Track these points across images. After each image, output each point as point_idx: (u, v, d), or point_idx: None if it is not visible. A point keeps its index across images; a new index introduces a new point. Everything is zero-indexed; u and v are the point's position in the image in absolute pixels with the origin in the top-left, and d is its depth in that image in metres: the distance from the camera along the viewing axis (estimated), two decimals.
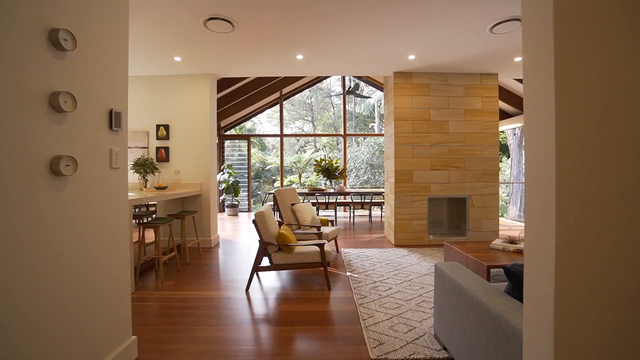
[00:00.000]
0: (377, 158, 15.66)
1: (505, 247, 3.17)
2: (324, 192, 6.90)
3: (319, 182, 16.15)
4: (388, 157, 5.29)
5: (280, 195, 4.29)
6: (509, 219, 8.98)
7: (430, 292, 2.93)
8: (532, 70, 0.99)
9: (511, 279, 1.58)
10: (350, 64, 4.49)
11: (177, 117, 4.77)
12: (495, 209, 4.98)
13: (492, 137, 4.94)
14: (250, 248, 4.75)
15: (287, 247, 2.94)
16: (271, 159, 17.46)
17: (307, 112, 22.42)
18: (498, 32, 3.44)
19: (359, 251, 4.48)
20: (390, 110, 5.04)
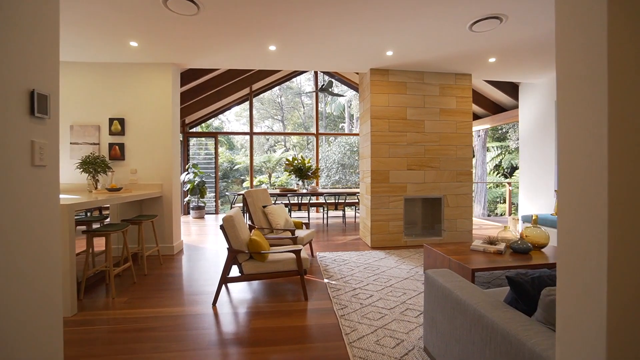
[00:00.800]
0: (349, 158, 15.66)
1: (485, 248, 3.12)
2: (297, 193, 6.63)
3: (289, 182, 15.83)
4: (363, 156, 5.14)
5: (250, 196, 3.97)
6: (476, 218, 9.28)
7: (413, 299, 2.79)
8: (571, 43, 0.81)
9: (515, 290, 1.43)
10: (327, 58, 4.27)
11: (134, 110, 4.27)
12: (469, 208, 5.01)
13: (466, 137, 4.96)
14: (218, 254, 4.37)
15: (260, 255, 2.65)
16: (240, 158, 16.86)
17: (277, 111, 22.00)
18: (477, 30, 3.38)
19: (335, 255, 4.27)
20: (367, 108, 4.90)
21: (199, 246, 4.82)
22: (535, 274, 1.45)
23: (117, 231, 2.80)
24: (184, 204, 8.31)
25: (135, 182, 4.24)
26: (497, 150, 14.48)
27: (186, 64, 4.46)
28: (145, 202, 4.24)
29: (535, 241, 3.15)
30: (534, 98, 5.49)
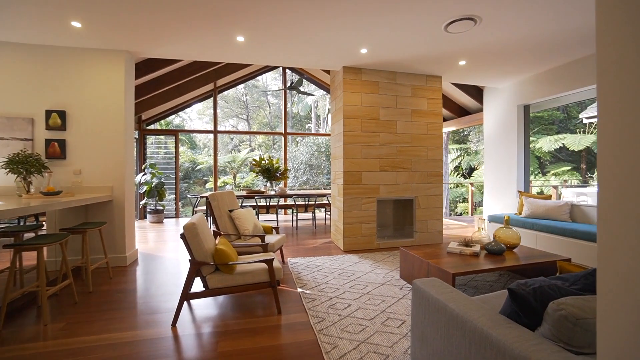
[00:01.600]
0: (316, 159, 15.52)
1: (461, 250, 3.08)
2: (265, 195, 6.32)
3: (255, 184, 15.33)
4: (336, 157, 4.98)
5: (215, 200, 3.63)
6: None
7: (392, 306, 2.65)
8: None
9: (518, 303, 1.31)
10: (299, 53, 4.04)
11: (78, 102, 3.73)
12: (440, 209, 5.05)
13: (436, 139, 5.00)
14: (179, 263, 3.95)
15: (227, 266, 2.36)
16: (202, 158, 16.04)
17: (242, 110, 21.33)
18: (452, 30, 3.36)
19: (307, 260, 4.06)
20: (339, 107, 4.74)
21: (156, 255, 4.35)
22: (536, 284, 1.35)
23: (51, 244, 2.35)
24: (139, 208, 7.61)
25: (80, 185, 3.70)
26: (457, 152, 15.15)
27: (142, 52, 3.99)
28: (92, 208, 3.72)
29: (508, 241, 3.18)
30: (497, 102, 5.70)
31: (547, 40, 3.64)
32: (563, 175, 13.29)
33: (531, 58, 4.21)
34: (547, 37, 3.55)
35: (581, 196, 8.67)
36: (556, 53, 4.05)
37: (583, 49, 3.94)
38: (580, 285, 1.35)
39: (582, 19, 3.15)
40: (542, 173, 13.72)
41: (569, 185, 11.57)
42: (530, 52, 4.02)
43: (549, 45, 3.80)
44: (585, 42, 3.72)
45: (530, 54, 4.06)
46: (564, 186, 11.00)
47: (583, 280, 1.36)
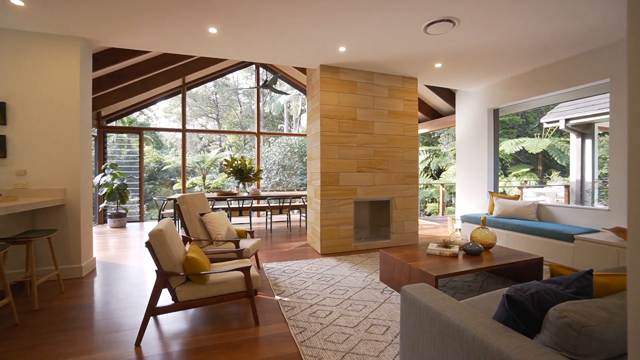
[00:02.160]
0: (289, 159, 15.33)
1: (441, 252, 3.07)
2: (237, 197, 6.05)
3: (226, 185, 14.82)
4: (312, 157, 4.86)
5: (185, 203, 3.36)
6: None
7: (375, 312, 2.56)
8: None
9: (515, 309, 1.25)
10: (276, 49, 3.87)
11: (22, 93, 3.30)
12: (415, 210, 5.09)
13: (412, 140, 5.03)
14: (144, 271, 3.62)
15: (199, 276, 2.15)
16: (169, 158, 15.26)
17: (211, 109, 20.64)
18: (432, 32, 3.36)
19: (283, 265, 3.89)
20: (316, 107, 4.62)
21: (118, 263, 3.97)
22: (532, 289, 1.30)
23: None
24: (99, 212, 7.02)
25: (25, 187, 3.27)
26: (426, 153, 15.61)
27: (101, 41, 3.62)
28: (41, 213, 3.30)
29: (485, 241, 3.22)
30: (469, 105, 5.86)
31: (518, 46, 3.76)
32: (523, 177, 14.11)
33: (503, 63, 4.35)
34: (519, 43, 3.67)
35: (540, 196, 9.21)
36: (525, 59, 4.21)
37: (549, 57, 4.12)
38: (574, 289, 1.32)
39: (552, 28, 3.27)
40: (504, 174, 14.49)
41: (528, 186, 12.28)
42: (502, 57, 4.14)
43: (520, 51, 3.93)
44: (551, 50, 3.89)
45: (502, 59, 4.19)
46: (524, 187, 11.66)
47: (576, 283, 1.33)
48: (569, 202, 7.09)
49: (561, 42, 3.69)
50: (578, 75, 4.10)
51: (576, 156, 6.87)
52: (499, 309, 1.39)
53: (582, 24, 3.24)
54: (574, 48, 3.87)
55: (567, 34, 3.48)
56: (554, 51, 3.95)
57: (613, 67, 3.74)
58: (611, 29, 3.36)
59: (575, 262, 3.64)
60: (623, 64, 3.65)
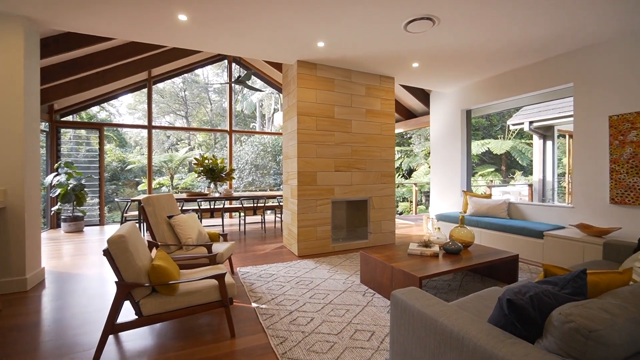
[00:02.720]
0: (262, 158, 15.02)
1: (422, 251, 3.03)
2: (209, 197, 5.74)
3: (196, 185, 14.19)
4: (288, 156, 4.69)
5: (151, 205, 3.07)
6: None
7: (358, 316, 2.46)
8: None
9: (516, 313, 1.19)
10: (250, 41, 3.66)
11: None
12: (393, 209, 5.08)
13: (389, 139, 5.01)
14: (104, 281, 3.27)
15: (167, 286, 1.92)
16: (134, 157, 14.38)
17: (180, 106, 19.76)
18: (412, 30, 3.32)
19: (260, 269, 3.69)
20: (293, 104, 4.46)
21: (72, 273, 3.57)
22: (530, 291, 1.25)
23: None
24: (50, 215, 6.37)
25: None
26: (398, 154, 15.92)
27: (51, 22, 3.22)
28: None
29: (464, 240, 3.23)
30: (443, 106, 5.97)
31: (492, 48, 3.83)
32: (488, 176, 14.79)
33: (476, 65, 4.44)
34: (493, 46, 3.74)
35: (505, 194, 9.66)
36: (498, 62, 4.32)
37: (519, 61, 4.26)
38: (570, 289, 1.28)
39: (523, 33, 3.36)
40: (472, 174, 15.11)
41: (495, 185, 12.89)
42: (477, 59, 4.22)
43: (493, 54, 4.02)
44: (521, 54, 4.01)
45: (476, 60, 4.27)
46: (491, 186, 12.21)
47: (572, 283, 1.30)
48: (532, 200, 7.47)
49: (530, 47, 3.81)
50: (544, 79, 4.27)
51: (539, 157, 7.24)
52: (495, 312, 1.33)
53: (549, 30, 3.35)
54: (542, 53, 4.02)
55: (536, 39, 3.59)
56: (524, 55, 4.08)
57: (576, 72, 3.93)
58: (575, 36, 3.51)
59: (545, 257, 3.78)
60: (585, 69, 3.84)
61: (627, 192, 3.52)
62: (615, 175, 3.60)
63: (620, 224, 3.56)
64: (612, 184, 3.62)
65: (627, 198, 3.51)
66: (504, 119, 15.27)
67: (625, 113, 3.52)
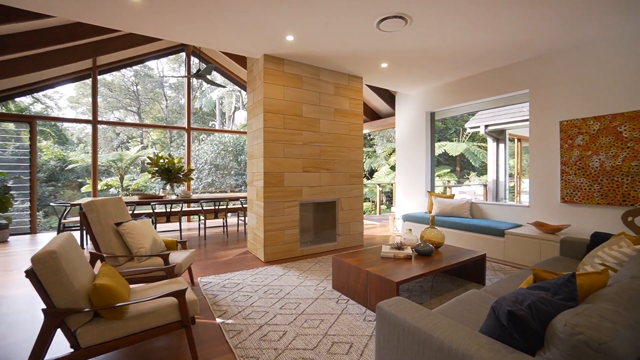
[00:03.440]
0: (223, 158, 14.40)
1: (395, 254, 2.97)
2: (164, 200, 5.26)
3: (150, 186, 13.15)
4: (254, 156, 4.43)
5: (94, 210, 2.65)
6: None
7: (334, 327, 2.31)
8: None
9: (515, 325, 1.11)
10: (212, 30, 3.36)
11: None
12: (361, 211, 5.02)
13: (357, 140, 4.95)
14: (31, 304, 2.77)
15: (114, 310, 1.61)
16: (77, 155, 12.96)
17: (131, 102, 18.29)
18: (384, 28, 3.26)
19: (223, 278, 3.40)
20: (259, 100, 4.21)
21: None
22: (526, 299, 1.18)
23: None
24: None
25: None
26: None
27: None
28: None
29: (434, 241, 3.23)
30: (409, 107, 6.07)
31: (458, 52, 3.92)
32: (445, 176, 15.57)
33: (442, 68, 4.53)
34: (459, 49, 3.82)
35: (462, 194, 10.18)
36: (462, 66, 4.44)
37: (481, 66, 4.42)
38: (563, 295, 1.24)
39: (486, 38, 3.46)
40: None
41: (452, 185, 13.57)
42: (443, 62, 4.30)
43: (459, 58, 4.12)
44: (484, 59, 4.16)
45: (443, 63, 4.35)
46: (448, 186, 12.83)
47: (564, 288, 1.26)
48: (487, 199, 7.92)
49: (493, 53, 3.96)
50: (503, 85, 4.49)
51: (493, 158, 7.70)
52: (490, 323, 1.24)
53: (511, 38, 3.48)
54: (503, 59, 4.20)
55: (499, 46, 3.73)
56: (487, 61, 4.24)
57: (532, 79, 4.16)
58: (532, 45, 3.70)
59: (506, 255, 3.94)
60: (540, 77, 4.08)
61: (575, 192, 3.78)
62: (565, 176, 3.86)
63: (570, 221, 3.82)
64: (563, 184, 3.88)
65: (575, 197, 3.77)
66: (458, 122, 16.23)
67: (573, 119, 3.78)
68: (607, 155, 3.53)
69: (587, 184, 3.67)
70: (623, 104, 3.42)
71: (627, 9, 2.92)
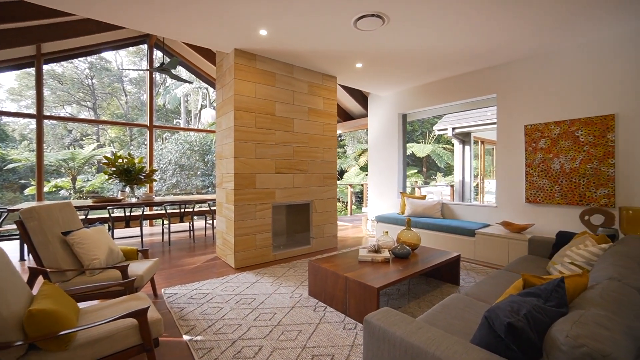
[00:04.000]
0: (189, 158, 13.75)
1: (373, 258, 2.91)
2: (123, 204, 4.83)
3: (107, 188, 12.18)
4: (223, 156, 4.18)
5: (34, 218, 2.30)
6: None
7: (313, 338, 2.18)
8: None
9: (514, 337, 1.05)
10: (178, 18, 3.09)
11: None
12: (334, 212, 4.94)
13: (331, 140, 4.87)
14: None
15: (56, 339, 1.35)
16: (20, 153, 11.70)
17: (86, 96, 16.90)
18: (361, 27, 3.19)
19: (190, 289, 3.14)
20: (229, 97, 3.98)
21: None
22: (522, 309, 1.13)
23: None
24: None
25: None
26: None
27: None
28: None
29: (411, 243, 3.22)
30: (381, 109, 6.10)
31: (433, 55, 3.96)
32: (412, 177, 16.05)
33: (416, 70, 4.58)
34: (433, 52, 3.86)
35: (429, 194, 10.49)
36: (435, 69, 4.51)
37: (452, 70, 4.52)
38: (555, 301, 1.21)
39: (460, 44, 3.52)
40: None
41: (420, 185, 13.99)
42: (418, 65, 4.34)
43: (432, 61, 4.17)
44: (456, 63, 4.25)
45: (417, 66, 4.38)
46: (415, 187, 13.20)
47: (555, 294, 1.23)
48: (454, 199, 8.21)
49: (465, 57, 4.05)
50: (473, 89, 4.62)
51: (459, 160, 7.99)
52: (482, 332, 1.18)
53: (484, 43, 3.57)
54: (473, 64, 4.32)
55: (471, 51, 3.82)
56: (458, 65, 4.33)
57: (500, 84, 4.32)
58: (501, 51, 3.83)
59: (477, 254, 4.04)
60: (507, 82, 4.24)
61: (538, 192, 3.97)
62: (530, 178, 4.04)
63: (534, 220, 4.00)
64: (527, 185, 4.06)
65: (538, 197, 3.96)
66: (424, 125, 16.81)
67: (537, 123, 3.97)
68: (567, 158, 3.74)
69: (549, 185, 3.87)
70: (580, 110, 3.64)
71: (587, 21, 3.08)
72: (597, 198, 3.52)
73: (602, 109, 3.49)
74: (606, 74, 3.45)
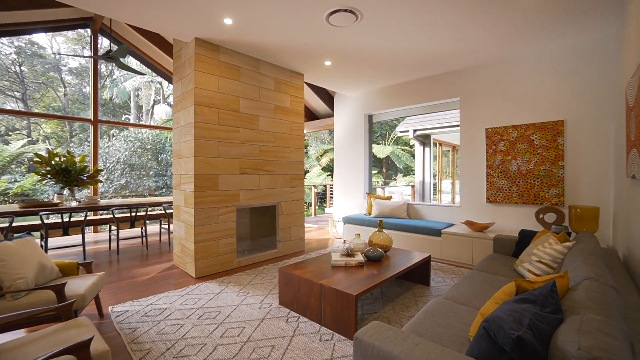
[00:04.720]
0: (140, 157, 12.74)
1: (347, 262, 2.80)
2: (59, 209, 4.22)
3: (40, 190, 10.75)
4: (182, 155, 3.82)
5: None
6: None
7: (288, 354, 2.00)
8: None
9: (520, 350, 0.98)
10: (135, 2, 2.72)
11: None
12: (302, 214, 4.78)
13: (299, 140, 4.70)
14: None
15: None
16: None
17: (12, 85, 14.87)
18: (333, 22, 3.06)
19: (144, 304, 2.78)
20: (188, 91, 3.63)
21: None
22: (524, 319, 1.07)
23: None
24: None
25: None
26: None
27: None
28: None
29: (383, 245, 3.17)
30: (347, 109, 6.05)
31: (404, 56, 3.96)
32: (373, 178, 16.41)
33: (384, 71, 4.57)
34: (405, 54, 3.86)
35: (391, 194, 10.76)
36: (402, 70, 4.54)
37: (418, 72, 4.59)
38: (551, 307, 1.17)
39: (427, 47, 3.56)
40: None
41: (381, 186, 14.32)
42: (385, 65, 4.33)
43: (403, 61, 4.17)
44: (422, 66, 4.32)
45: (385, 67, 4.38)
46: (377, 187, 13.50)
47: (550, 300, 1.19)
48: (415, 199, 8.48)
49: (431, 60, 4.12)
50: (438, 92, 4.74)
51: (420, 161, 8.26)
52: (482, 345, 1.11)
53: (452, 47, 3.65)
54: (439, 68, 4.42)
55: (440, 54, 3.89)
56: (425, 67, 4.40)
57: (463, 88, 4.48)
58: (467, 56, 3.95)
59: (443, 253, 4.13)
60: (469, 86, 4.40)
61: (498, 193, 4.16)
62: (490, 179, 4.22)
63: (495, 219, 4.19)
64: (488, 185, 4.24)
65: (498, 197, 4.15)
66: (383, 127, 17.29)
67: (497, 126, 4.17)
68: (523, 160, 3.96)
69: (507, 186, 4.07)
70: (535, 115, 3.88)
71: (541, 32, 3.27)
72: (550, 197, 3.76)
73: (553, 115, 3.75)
74: (557, 83, 3.71)
